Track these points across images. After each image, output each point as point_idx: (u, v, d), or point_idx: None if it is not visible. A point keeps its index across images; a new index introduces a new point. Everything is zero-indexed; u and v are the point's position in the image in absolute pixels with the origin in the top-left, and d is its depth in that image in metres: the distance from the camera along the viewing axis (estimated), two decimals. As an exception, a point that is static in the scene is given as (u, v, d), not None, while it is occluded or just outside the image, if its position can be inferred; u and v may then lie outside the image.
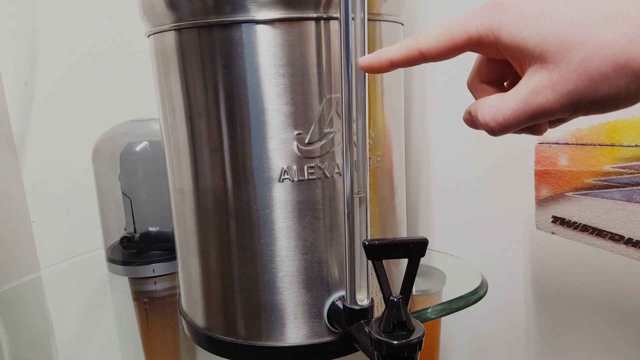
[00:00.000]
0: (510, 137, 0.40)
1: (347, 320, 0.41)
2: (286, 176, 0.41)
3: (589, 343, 0.64)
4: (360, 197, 0.38)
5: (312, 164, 0.41)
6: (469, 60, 0.32)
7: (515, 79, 0.31)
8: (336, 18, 0.39)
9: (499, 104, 0.28)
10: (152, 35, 0.44)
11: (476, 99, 0.33)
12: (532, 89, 0.27)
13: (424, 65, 0.32)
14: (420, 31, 0.31)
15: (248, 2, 0.38)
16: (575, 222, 0.52)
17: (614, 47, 0.25)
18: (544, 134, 0.33)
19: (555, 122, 0.33)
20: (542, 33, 0.26)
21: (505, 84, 0.33)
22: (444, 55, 0.30)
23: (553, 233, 0.53)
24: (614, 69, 0.25)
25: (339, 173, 0.41)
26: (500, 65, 0.32)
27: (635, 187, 0.48)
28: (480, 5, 0.29)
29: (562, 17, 0.26)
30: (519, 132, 0.31)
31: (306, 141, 0.40)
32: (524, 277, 0.66)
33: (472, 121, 0.30)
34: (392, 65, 0.32)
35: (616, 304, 0.61)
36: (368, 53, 0.36)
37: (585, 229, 0.51)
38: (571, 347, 0.65)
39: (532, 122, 0.28)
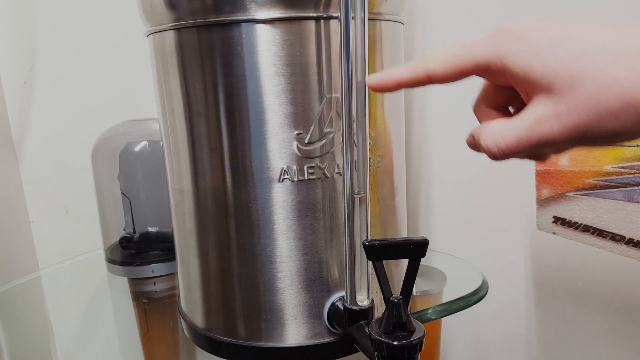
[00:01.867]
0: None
1: (347, 321, 0.41)
2: (286, 176, 0.40)
3: (590, 343, 0.63)
4: (360, 197, 0.38)
5: (312, 164, 0.40)
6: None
7: (521, 105, 0.31)
8: (336, 17, 0.39)
9: (503, 131, 0.28)
10: (151, 35, 0.44)
11: (481, 122, 0.33)
12: (537, 118, 0.27)
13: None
14: (428, 53, 0.31)
15: (248, 1, 0.38)
16: (576, 223, 0.51)
17: (624, 85, 0.25)
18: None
19: (558, 150, 0.32)
20: (551, 64, 0.26)
21: (510, 108, 0.33)
22: (450, 79, 0.30)
23: (554, 233, 0.53)
24: (623, 106, 0.25)
25: (339, 173, 0.41)
26: (506, 91, 0.32)
27: (636, 187, 0.48)
28: (491, 31, 0.29)
29: (572, 50, 0.26)
30: (522, 157, 0.31)
31: (306, 141, 0.40)
32: (525, 278, 0.66)
33: (475, 144, 0.30)
34: (399, 86, 0.32)
35: (617, 304, 0.61)
36: (368, 53, 0.36)
37: (586, 229, 0.51)
38: (572, 348, 0.65)
39: (535, 150, 0.28)
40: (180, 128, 0.43)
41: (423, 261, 0.35)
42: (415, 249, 0.34)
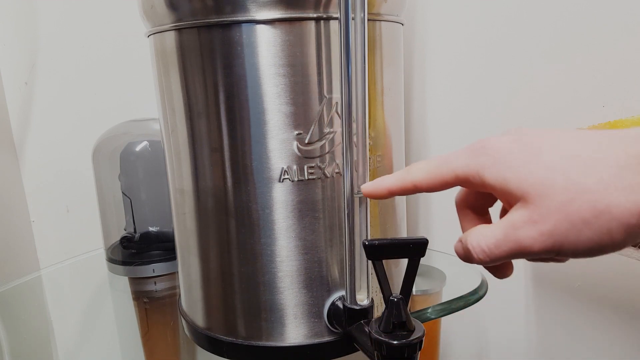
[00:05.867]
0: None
1: (347, 320, 0.41)
2: (286, 176, 0.41)
3: (590, 343, 0.64)
4: (360, 197, 0.38)
5: (312, 164, 0.41)
6: (469, 60, 0.32)
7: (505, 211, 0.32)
8: (336, 18, 0.39)
9: (485, 233, 0.29)
10: (152, 35, 0.44)
11: (461, 221, 0.35)
12: (513, 223, 0.28)
13: (424, 65, 0.32)
14: (413, 164, 0.33)
15: (248, 2, 0.38)
16: (575, 222, 0.52)
17: (593, 193, 0.25)
18: None
19: (543, 260, 0.33)
20: (523, 176, 0.27)
21: (500, 216, 0.35)
22: (434, 189, 0.32)
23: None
24: (594, 213, 0.25)
25: (339, 173, 0.41)
26: (486, 195, 0.34)
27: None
28: (468, 146, 0.31)
29: (543, 161, 0.27)
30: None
31: (306, 141, 0.40)
32: (524, 277, 0.66)
33: (462, 249, 0.31)
34: (390, 194, 0.35)
35: (616, 304, 0.61)
36: (368, 53, 0.37)
37: (585, 229, 0.51)
38: (571, 348, 0.65)
39: (518, 256, 0.29)
40: (180, 128, 0.43)
41: (423, 261, 0.35)
42: (415, 249, 0.34)
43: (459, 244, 0.32)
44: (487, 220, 0.36)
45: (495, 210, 0.36)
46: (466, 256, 0.31)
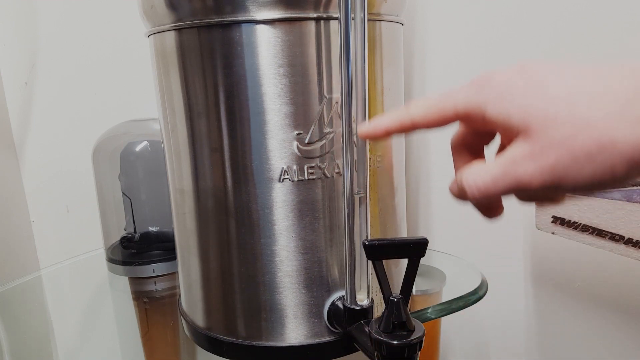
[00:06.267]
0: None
1: (347, 320, 0.41)
2: (286, 176, 0.41)
3: (589, 343, 0.64)
4: (360, 197, 0.38)
5: (312, 164, 0.41)
6: (469, 61, 0.32)
7: (503, 149, 0.32)
8: (336, 18, 0.39)
9: (480, 170, 0.29)
10: (152, 35, 0.44)
11: (455, 161, 0.35)
12: (513, 158, 0.27)
13: (424, 65, 0.32)
14: (411, 101, 0.32)
15: (248, 2, 0.38)
16: (575, 222, 0.52)
17: (598, 127, 0.25)
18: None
19: (539, 197, 0.33)
20: (526, 109, 0.27)
21: (496, 155, 0.34)
22: (434, 126, 0.31)
23: (553, 233, 0.53)
24: (598, 147, 0.25)
25: (339, 173, 0.41)
26: (483, 133, 0.33)
27: (635, 187, 0.48)
28: (471, 80, 0.30)
29: (548, 94, 0.26)
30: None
31: (306, 141, 0.40)
32: (524, 277, 0.66)
33: (457, 189, 0.31)
34: (388, 134, 0.34)
35: (616, 304, 0.61)
36: (368, 53, 0.37)
37: (585, 229, 0.51)
38: (571, 347, 0.65)
39: (513, 191, 0.28)
40: (180, 128, 0.43)
41: (422, 261, 0.35)
42: (415, 249, 0.34)
43: (454, 183, 0.31)
44: (482, 160, 0.34)
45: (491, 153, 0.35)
46: (461, 194, 0.30)
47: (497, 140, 0.34)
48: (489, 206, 0.34)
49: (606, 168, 0.25)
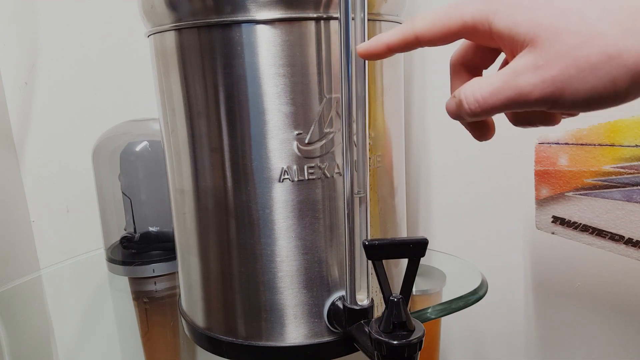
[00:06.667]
0: (510, 135, 0.40)
1: (347, 320, 0.41)
2: (286, 176, 0.41)
3: (589, 343, 0.64)
4: (360, 197, 0.38)
5: (312, 164, 0.41)
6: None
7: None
8: (336, 18, 0.39)
9: (480, 83, 0.28)
10: (152, 35, 0.44)
11: (452, 81, 0.34)
12: (515, 69, 0.27)
13: (424, 64, 0.32)
14: (417, 15, 0.31)
15: (248, 2, 0.38)
16: (575, 222, 0.52)
17: (607, 37, 0.24)
18: (546, 131, 0.32)
19: (535, 120, 0.32)
20: (535, 19, 0.26)
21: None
22: (439, 40, 0.30)
23: (553, 233, 0.53)
24: (604, 59, 0.24)
25: (339, 173, 0.41)
26: (486, 52, 0.32)
27: (635, 187, 0.48)
28: None
29: (558, 6, 0.26)
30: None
31: (306, 141, 0.40)
32: (524, 277, 0.66)
33: (453, 105, 0.30)
34: (389, 50, 0.32)
35: (616, 304, 0.61)
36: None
37: (585, 229, 0.51)
38: (571, 348, 0.65)
39: (512, 106, 0.27)
40: (180, 128, 0.43)
41: (422, 261, 0.35)
42: (415, 249, 0.34)
43: (451, 99, 0.30)
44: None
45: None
46: (457, 109, 0.29)
47: (497, 64, 0.33)
48: (479, 126, 0.33)
49: (608, 81, 0.25)
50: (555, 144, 0.51)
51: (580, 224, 0.51)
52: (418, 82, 0.68)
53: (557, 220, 0.53)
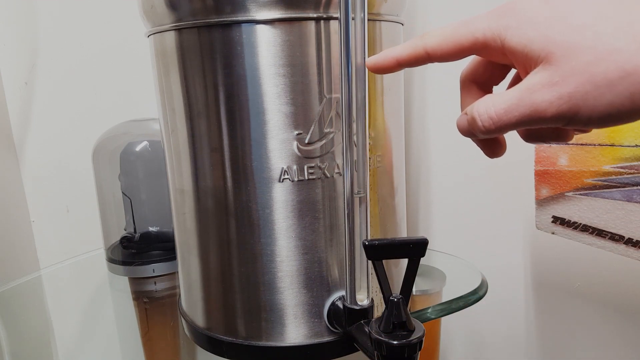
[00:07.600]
0: (510, 135, 0.40)
1: (347, 320, 0.41)
2: (286, 176, 0.41)
3: (589, 343, 0.64)
4: (360, 197, 0.38)
5: (312, 164, 0.41)
6: (469, 60, 0.32)
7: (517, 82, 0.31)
8: (336, 18, 0.39)
9: (494, 100, 0.28)
10: (152, 35, 0.44)
11: (463, 97, 0.33)
12: (530, 86, 0.26)
13: (424, 65, 0.32)
14: (428, 30, 0.31)
15: (248, 2, 0.38)
16: (575, 222, 0.52)
17: (623, 53, 0.24)
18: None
19: (550, 137, 0.32)
20: (549, 35, 0.26)
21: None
22: (449, 56, 0.30)
23: (553, 233, 0.53)
24: (621, 75, 0.24)
25: (339, 173, 0.41)
26: (497, 68, 0.32)
27: (635, 187, 0.48)
28: (491, 9, 0.29)
29: (572, 21, 0.26)
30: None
31: (306, 141, 0.40)
32: (524, 277, 0.66)
33: (465, 123, 0.30)
34: (399, 65, 0.32)
35: (616, 304, 0.61)
36: (368, 53, 0.36)
37: (585, 229, 0.51)
38: (571, 348, 0.65)
39: (527, 123, 0.27)
40: (180, 128, 0.43)
41: (422, 261, 0.35)
42: (415, 249, 0.34)
43: (463, 116, 0.30)
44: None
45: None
46: (470, 127, 0.29)
47: (506, 80, 0.33)
48: (490, 144, 0.33)
49: (625, 97, 0.24)
50: (556, 143, 0.51)
51: (580, 224, 0.51)
52: (418, 82, 0.68)
53: (557, 220, 0.53)
